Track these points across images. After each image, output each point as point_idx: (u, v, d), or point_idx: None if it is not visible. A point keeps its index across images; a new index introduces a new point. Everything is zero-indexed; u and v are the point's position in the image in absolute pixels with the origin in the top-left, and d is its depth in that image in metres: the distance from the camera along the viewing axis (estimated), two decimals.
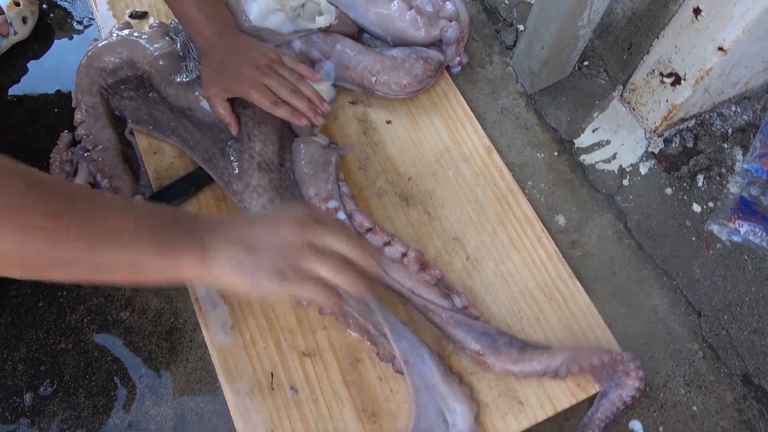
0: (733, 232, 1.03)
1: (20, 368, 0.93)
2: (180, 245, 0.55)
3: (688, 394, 0.93)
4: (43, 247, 0.48)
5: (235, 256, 0.57)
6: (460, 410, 0.82)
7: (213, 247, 0.56)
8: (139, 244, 0.52)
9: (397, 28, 1.08)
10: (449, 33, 1.08)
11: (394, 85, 1.05)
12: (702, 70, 0.95)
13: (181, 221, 0.57)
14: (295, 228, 0.60)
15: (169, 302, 0.97)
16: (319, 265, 0.59)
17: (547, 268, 0.97)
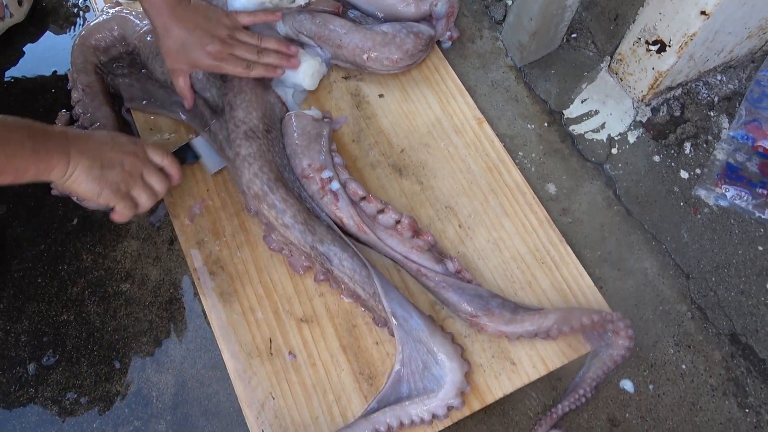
0: (719, 196, 1.05)
1: (23, 339, 0.94)
2: (52, 156, 0.73)
3: (677, 353, 0.95)
4: None
5: (90, 171, 0.77)
6: (449, 366, 0.83)
7: (75, 160, 0.75)
8: (22, 154, 0.70)
9: (387, 4, 1.10)
10: (439, 7, 1.10)
11: (385, 60, 1.06)
12: (686, 35, 0.97)
13: (53, 137, 0.74)
14: (137, 161, 0.82)
15: (168, 274, 0.99)
16: (143, 195, 0.85)
17: (539, 234, 0.99)
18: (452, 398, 0.83)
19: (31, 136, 0.72)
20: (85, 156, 0.76)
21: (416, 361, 0.85)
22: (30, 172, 0.72)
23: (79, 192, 0.79)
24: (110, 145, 0.81)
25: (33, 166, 0.71)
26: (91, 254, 1.01)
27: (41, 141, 0.72)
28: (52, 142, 0.73)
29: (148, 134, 1.07)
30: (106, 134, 0.84)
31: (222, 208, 1.00)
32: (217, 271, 0.95)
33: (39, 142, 0.72)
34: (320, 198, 0.92)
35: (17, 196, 1.06)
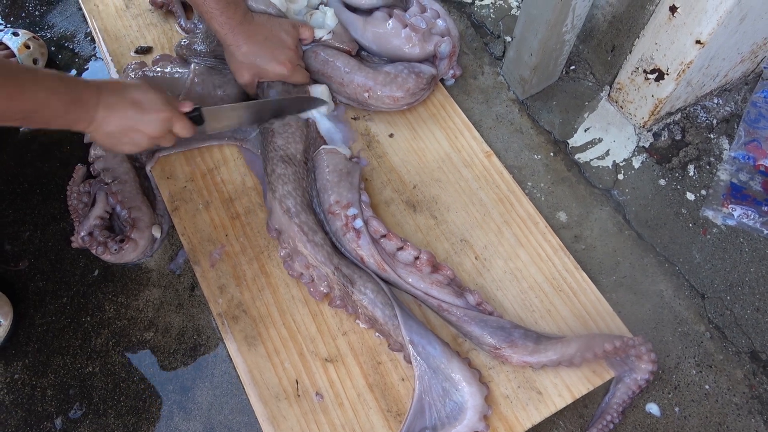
0: (727, 216, 1.08)
1: (49, 394, 0.95)
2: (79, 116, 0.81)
3: (699, 374, 0.96)
4: None
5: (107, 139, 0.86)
6: (469, 391, 0.84)
7: (97, 124, 0.83)
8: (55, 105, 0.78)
9: (392, 46, 1.14)
10: (443, 48, 1.13)
11: (387, 99, 1.10)
12: (683, 63, 1.00)
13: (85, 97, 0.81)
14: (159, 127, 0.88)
15: (191, 320, 1.00)
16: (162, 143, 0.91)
17: (554, 262, 1.01)
18: (476, 423, 0.84)
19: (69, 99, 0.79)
20: (106, 124, 0.84)
21: (436, 388, 0.86)
22: (58, 123, 0.80)
23: (96, 142, 0.90)
24: (133, 121, 0.86)
25: (62, 119, 0.80)
26: (114, 304, 1.02)
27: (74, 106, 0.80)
28: (81, 108, 0.81)
29: (165, 182, 1.09)
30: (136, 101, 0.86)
31: (241, 252, 1.02)
32: (240, 315, 0.96)
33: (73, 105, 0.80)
34: (342, 235, 0.94)
35: (39, 250, 1.07)
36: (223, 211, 1.06)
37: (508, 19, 1.31)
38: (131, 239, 0.99)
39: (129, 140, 0.87)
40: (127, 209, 1.02)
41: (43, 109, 0.77)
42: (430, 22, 1.14)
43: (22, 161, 1.17)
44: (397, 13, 1.15)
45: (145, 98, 0.87)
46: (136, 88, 0.87)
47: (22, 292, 1.03)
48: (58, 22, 1.39)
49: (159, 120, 0.88)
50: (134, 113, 0.85)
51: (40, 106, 0.76)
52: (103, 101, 0.83)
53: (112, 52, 1.24)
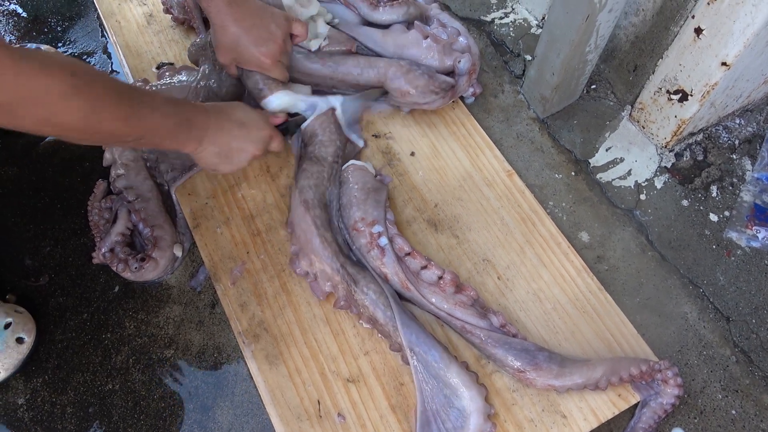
0: (751, 238, 1.07)
1: (69, 411, 0.94)
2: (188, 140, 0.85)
3: (725, 398, 0.94)
4: (114, 127, 0.73)
5: (212, 157, 0.90)
6: (469, 395, 0.84)
7: (204, 146, 0.87)
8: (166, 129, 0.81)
9: (412, 55, 1.14)
10: (462, 64, 1.14)
11: (396, 92, 1.10)
12: (708, 85, 1.00)
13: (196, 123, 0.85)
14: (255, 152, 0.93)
15: (211, 338, 1.00)
16: None
17: (577, 283, 1.00)
18: (483, 425, 0.84)
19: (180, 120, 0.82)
20: (214, 145, 0.88)
21: (438, 397, 0.86)
22: (168, 144, 0.84)
23: (199, 164, 0.92)
24: (240, 139, 0.91)
25: (173, 140, 0.83)
26: (134, 321, 1.01)
27: (186, 127, 0.83)
28: (193, 129, 0.85)
29: (187, 198, 1.09)
30: (241, 121, 0.91)
31: (263, 269, 1.01)
32: (261, 334, 0.96)
33: (184, 127, 0.83)
34: (367, 252, 0.94)
35: (59, 265, 1.07)
36: (244, 228, 1.06)
37: (528, 38, 1.32)
38: (152, 258, 0.99)
39: (232, 159, 0.91)
40: (150, 227, 1.02)
41: (157, 131, 0.79)
42: (452, 36, 1.15)
43: (44, 176, 1.18)
44: (418, 24, 1.16)
45: (248, 118, 0.91)
46: (239, 108, 0.92)
47: (42, 307, 1.03)
48: (79, 37, 1.40)
49: (262, 138, 0.93)
50: (240, 132, 0.90)
51: (154, 128, 0.78)
52: (213, 122, 0.87)
53: (133, 67, 1.25)
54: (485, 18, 1.36)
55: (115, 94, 0.72)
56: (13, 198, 1.15)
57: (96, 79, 0.70)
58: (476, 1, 1.39)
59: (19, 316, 0.98)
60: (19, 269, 1.07)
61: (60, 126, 0.68)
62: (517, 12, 1.36)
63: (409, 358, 0.87)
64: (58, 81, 0.65)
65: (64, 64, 0.66)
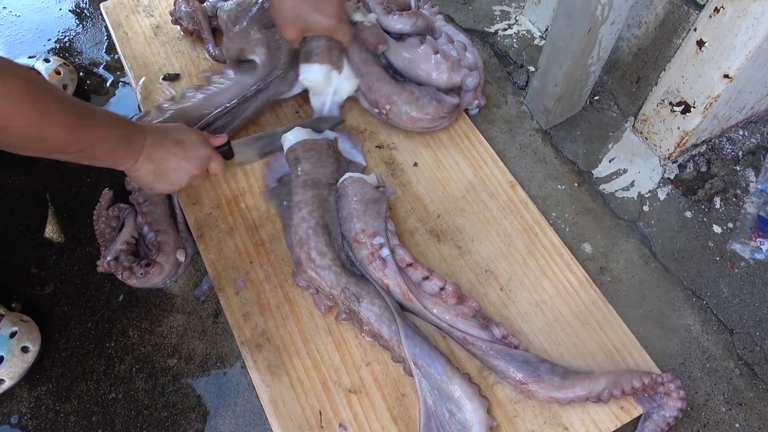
0: (755, 250, 1.06)
1: (72, 420, 0.94)
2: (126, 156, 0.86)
3: (729, 411, 0.94)
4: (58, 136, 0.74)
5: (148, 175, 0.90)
6: (471, 407, 0.84)
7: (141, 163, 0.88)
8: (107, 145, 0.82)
9: (421, 70, 1.15)
10: (470, 81, 1.14)
11: (405, 116, 1.11)
12: (710, 97, 1.00)
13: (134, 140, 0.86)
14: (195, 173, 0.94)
15: (214, 347, 1.00)
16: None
17: (580, 295, 1.00)
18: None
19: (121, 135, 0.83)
20: (150, 162, 0.89)
21: (442, 410, 0.86)
22: (106, 159, 0.84)
23: (135, 182, 0.93)
24: (177, 158, 0.91)
25: (112, 155, 0.84)
26: (138, 330, 1.02)
27: (125, 143, 0.84)
28: (131, 145, 0.86)
29: (191, 208, 1.10)
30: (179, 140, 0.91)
31: (266, 279, 1.02)
32: (263, 344, 0.96)
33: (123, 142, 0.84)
34: (369, 263, 0.94)
35: (64, 274, 1.08)
36: (247, 238, 1.06)
37: (531, 49, 1.32)
38: (157, 263, 1.00)
39: (169, 179, 0.91)
40: (155, 232, 1.03)
41: (98, 144, 0.80)
42: (461, 53, 1.16)
43: (50, 185, 1.19)
44: (430, 39, 1.17)
45: (186, 137, 0.92)
46: (177, 128, 0.93)
47: (47, 316, 1.04)
48: (87, 48, 1.41)
49: (199, 158, 0.93)
50: (178, 150, 0.91)
51: (96, 140, 0.79)
52: (150, 139, 0.87)
53: (139, 78, 1.26)
54: (489, 29, 1.37)
55: (63, 104, 0.74)
56: (20, 207, 1.16)
57: (47, 88, 0.73)
58: (480, 13, 1.40)
59: (25, 325, 0.98)
60: (25, 278, 1.08)
61: (5, 130, 0.69)
62: (521, 23, 1.37)
63: (413, 371, 0.87)
64: (11, 84, 0.67)
65: (18, 70, 0.69)
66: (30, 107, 0.69)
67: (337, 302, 0.95)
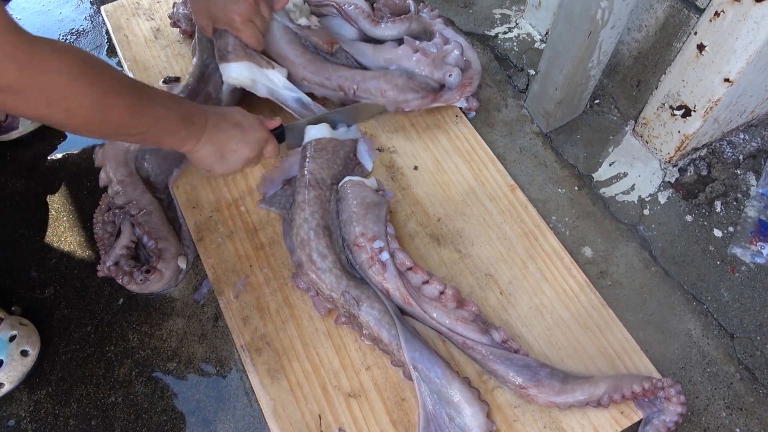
0: (756, 254, 1.06)
1: (72, 424, 0.94)
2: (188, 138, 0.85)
3: (729, 416, 0.94)
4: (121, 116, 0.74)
5: (209, 157, 0.89)
6: (470, 412, 0.84)
7: (202, 145, 0.87)
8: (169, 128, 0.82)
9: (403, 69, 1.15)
10: (452, 78, 1.13)
11: (373, 90, 1.12)
12: (710, 100, 1.00)
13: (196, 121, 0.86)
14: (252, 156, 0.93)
15: (214, 351, 1.00)
16: None
17: (580, 299, 1.00)
18: None
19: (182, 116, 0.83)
20: (211, 143, 0.88)
21: (441, 414, 0.85)
22: (169, 140, 0.84)
23: (194, 164, 0.92)
24: (236, 140, 0.91)
25: (174, 136, 0.83)
26: (138, 334, 1.02)
27: (186, 123, 0.84)
28: (193, 126, 0.85)
29: (191, 211, 1.10)
30: (238, 122, 0.91)
31: (266, 283, 1.02)
32: (263, 348, 0.96)
33: (185, 123, 0.84)
34: (368, 267, 0.94)
35: (64, 278, 1.08)
36: (247, 241, 1.06)
37: (532, 53, 1.32)
38: (157, 270, 0.99)
39: (228, 160, 0.91)
40: (154, 240, 1.02)
41: (160, 125, 0.80)
42: (443, 50, 1.15)
43: (50, 189, 1.19)
44: (408, 39, 1.17)
45: (244, 119, 0.92)
46: (236, 110, 0.93)
47: (47, 319, 1.03)
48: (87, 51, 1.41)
49: (257, 140, 0.93)
50: (237, 132, 0.91)
51: (158, 122, 0.79)
52: (211, 120, 0.87)
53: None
54: (489, 33, 1.37)
55: (123, 84, 0.73)
56: (20, 210, 1.16)
57: (105, 68, 0.72)
58: (480, 16, 1.40)
59: (24, 329, 0.98)
60: (25, 281, 1.08)
61: (67, 111, 0.68)
62: (521, 27, 1.37)
63: (413, 376, 0.87)
64: (69, 65, 0.65)
65: (76, 51, 0.68)
66: (91, 86, 0.68)
67: (336, 305, 0.95)
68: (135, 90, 0.75)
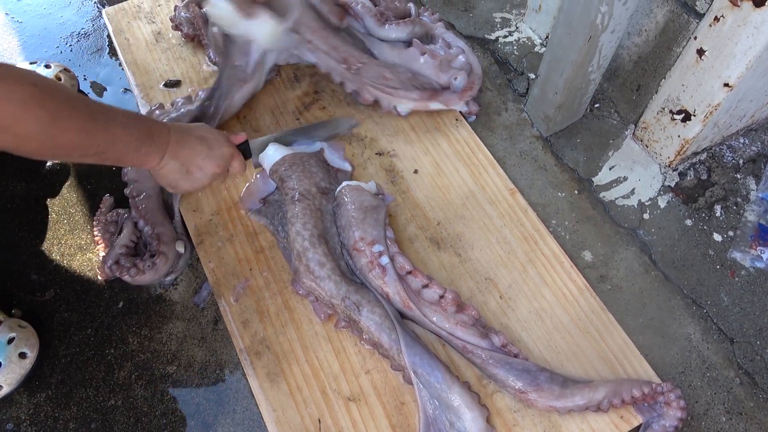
0: (755, 258, 1.06)
1: (71, 427, 0.94)
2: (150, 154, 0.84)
3: (729, 421, 0.93)
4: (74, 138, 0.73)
5: (173, 173, 0.89)
6: (470, 416, 0.84)
7: (166, 161, 0.87)
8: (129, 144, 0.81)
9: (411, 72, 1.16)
10: (458, 81, 1.15)
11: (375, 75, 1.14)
12: (710, 105, 1.00)
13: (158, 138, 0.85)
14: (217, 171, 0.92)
15: (213, 354, 1.00)
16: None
17: (579, 303, 1.00)
18: None
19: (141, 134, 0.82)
20: (175, 159, 0.87)
21: (441, 419, 0.85)
22: (129, 158, 0.83)
23: (159, 181, 0.92)
24: (202, 156, 0.90)
25: (134, 154, 0.82)
26: (137, 337, 1.02)
27: (146, 141, 0.83)
28: (154, 143, 0.84)
29: (192, 215, 1.10)
30: (203, 138, 0.91)
31: (265, 286, 1.02)
32: (263, 351, 0.96)
33: (145, 141, 0.82)
34: (368, 271, 0.94)
35: (65, 281, 1.08)
36: (247, 245, 1.06)
37: (532, 57, 1.32)
38: (161, 253, 1.01)
39: (193, 176, 0.90)
40: (151, 225, 1.04)
41: (118, 144, 0.78)
42: (449, 53, 1.16)
43: (51, 192, 1.19)
44: (416, 41, 1.18)
45: (210, 135, 0.91)
46: (199, 126, 0.93)
47: (47, 322, 1.04)
48: (88, 54, 1.42)
49: (223, 156, 0.92)
50: (203, 148, 0.90)
51: (115, 140, 0.78)
52: (174, 136, 0.87)
53: (141, 85, 1.27)
54: (489, 36, 1.37)
55: (75, 105, 0.73)
56: (21, 213, 1.17)
57: (57, 91, 0.71)
58: (481, 20, 1.40)
59: (23, 331, 0.98)
60: (25, 284, 1.08)
61: (17, 136, 0.68)
62: (521, 31, 1.38)
63: (413, 381, 0.87)
64: (18, 89, 0.66)
65: (25, 75, 0.68)
66: (41, 111, 0.68)
67: (336, 311, 0.95)
68: (89, 111, 0.75)
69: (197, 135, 0.90)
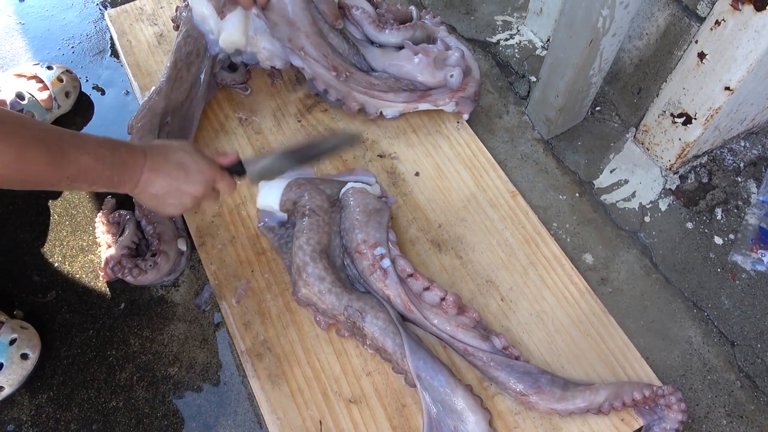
0: (756, 261, 1.06)
1: (73, 428, 0.94)
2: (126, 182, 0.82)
3: (730, 424, 0.94)
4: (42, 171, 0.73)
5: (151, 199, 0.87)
6: (474, 419, 0.84)
7: (141, 187, 0.84)
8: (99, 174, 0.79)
9: (406, 72, 1.17)
10: (453, 78, 1.15)
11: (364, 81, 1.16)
12: (711, 108, 1.00)
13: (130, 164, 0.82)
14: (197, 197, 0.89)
15: (215, 356, 1.00)
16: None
17: (580, 306, 1.00)
18: None
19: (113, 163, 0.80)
20: (151, 186, 0.85)
21: (446, 423, 0.86)
22: (103, 185, 0.81)
23: (140, 203, 0.92)
24: (179, 182, 0.87)
25: (107, 182, 0.80)
26: (139, 338, 1.02)
27: (118, 170, 0.81)
28: (126, 172, 0.82)
29: (193, 216, 1.10)
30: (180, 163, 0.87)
31: (267, 288, 1.02)
32: (264, 353, 0.96)
33: (117, 170, 0.80)
34: (369, 274, 0.94)
35: (66, 282, 1.08)
36: (249, 246, 1.06)
37: (533, 59, 1.33)
38: (163, 252, 1.02)
39: (174, 201, 0.87)
40: (152, 224, 1.04)
41: (89, 174, 0.77)
42: (443, 52, 1.17)
43: (53, 193, 1.19)
44: (407, 42, 1.18)
45: (189, 160, 0.87)
46: (181, 149, 0.88)
47: (49, 323, 1.04)
48: (90, 56, 1.42)
49: (203, 181, 0.88)
50: (179, 174, 0.86)
51: (86, 170, 0.76)
52: (149, 164, 0.84)
53: (143, 87, 1.27)
54: (491, 39, 1.38)
55: (43, 138, 0.72)
56: (23, 214, 1.17)
57: (22, 124, 0.70)
58: (482, 23, 1.41)
59: (24, 332, 0.98)
60: (27, 285, 1.08)
61: None
62: (523, 34, 1.38)
63: (417, 385, 0.87)
64: None
65: None
66: (6, 146, 0.67)
67: (338, 320, 0.94)
68: (57, 142, 0.73)
69: (175, 161, 0.86)
